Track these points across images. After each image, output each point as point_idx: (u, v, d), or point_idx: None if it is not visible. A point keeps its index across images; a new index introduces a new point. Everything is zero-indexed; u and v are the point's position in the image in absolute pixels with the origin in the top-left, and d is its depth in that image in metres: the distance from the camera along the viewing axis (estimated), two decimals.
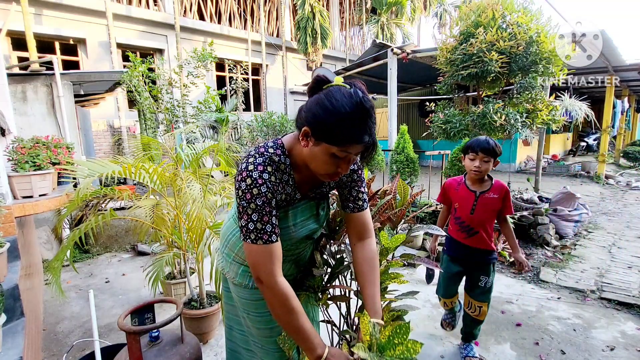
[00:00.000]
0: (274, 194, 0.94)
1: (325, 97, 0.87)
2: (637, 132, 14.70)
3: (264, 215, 0.91)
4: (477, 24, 3.22)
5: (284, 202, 1.01)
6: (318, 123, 0.86)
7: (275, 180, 0.95)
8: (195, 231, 2.30)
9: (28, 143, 2.67)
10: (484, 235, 1.94)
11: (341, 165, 0.91)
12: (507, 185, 1.51)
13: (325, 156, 0.89)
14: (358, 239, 1.11)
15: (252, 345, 1.26)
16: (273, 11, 13.23)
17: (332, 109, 0.84)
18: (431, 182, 5.23)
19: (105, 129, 8.10)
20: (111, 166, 2.03)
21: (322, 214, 1.13)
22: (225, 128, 7.16)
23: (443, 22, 17.06)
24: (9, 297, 1.66)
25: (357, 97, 0.85)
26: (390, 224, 1.29)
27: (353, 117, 0.84)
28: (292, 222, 1.06)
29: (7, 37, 7.31)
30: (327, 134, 0.86)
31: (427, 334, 2.40)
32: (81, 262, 3.94)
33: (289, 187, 1.00)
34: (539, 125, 3.37)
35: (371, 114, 0.86)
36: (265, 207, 0.91)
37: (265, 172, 0.92)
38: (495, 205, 1.89)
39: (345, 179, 1.10)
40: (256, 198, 0.90)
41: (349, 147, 0.86)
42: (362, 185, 1.11)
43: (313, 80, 0.94)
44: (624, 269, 3.37)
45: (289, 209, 1.05)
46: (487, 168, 1.82)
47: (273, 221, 0.93)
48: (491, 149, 1.79)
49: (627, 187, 7.66)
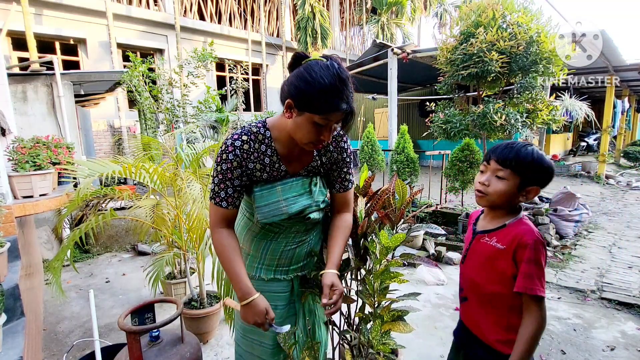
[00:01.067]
0: (241, 162, 1.03)
1: (304, 70, 0.94)
2: (637, 132, 14.68)
3: (222, 182, 1.03)
4: (477, 23, 3.22)
5: (263, 172, 1.08)
6: (300, 94, 0.93)
7: (249, 149, 1.04)
8: (195, 231, 2.29)
9: (28, 143, 2.67)
10: (476, 310, 1.12)
11: (323, 133, 0.98)
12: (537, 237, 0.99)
13: (308, 125, 0.96)
14: (337, 212, 1.22)
15: (254, 347, 1.26)
16: (273, 11, 13.23)
17: (312, 80, 0.91)
18: (431, 182, 5.23)
19: (106, 129, 8.11)
20: (111, 166, 2.03)
21: (315, 190, 1.16)
22: (225, 128, 7.15)
23: (443, 22, 17.04)
24: (9, 296, 1.66)
25: (333, 68, 0.92)
26: (389, 223, 1.29)
27: (331, 87, 0.91)
28: (282, 197, 1.11)
29: (7, 37, 7.31)
30: (309, 104, 0.93)
31: (427, 334, 2.40)
32: (81, 262, 3.94)
33: (267, 158, 1.07)
34: (539, 125, 3.36)
35: (347, 84, 0.94)
36: (227, 173, 1.02)
37: (239, 140, 1.02)
38: (498, 261, 1.03)
39: (336, 156, 1.16)
40: (222, 163, 1.02)
41: (329, 114, 0.93)
42: (350, 168, 1.20)
43: (292, 57, 1.01)
44: (624, 269, 3.36)
45: (277, 185, 1.10)
46: (499, 190, 1.03)
47: (229, 191, 1.04)
48: (512, 157, 1.01)
49: (627, 187, 7.66)
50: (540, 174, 1.01)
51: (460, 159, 4.47)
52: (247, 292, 1.03)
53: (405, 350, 2.15)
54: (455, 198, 5.37)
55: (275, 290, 1.21)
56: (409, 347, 2.22)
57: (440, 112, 3.77)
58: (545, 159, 1.02)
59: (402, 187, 1.31)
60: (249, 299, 1.02)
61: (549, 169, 1.02)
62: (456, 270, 3.47)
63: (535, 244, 0.97)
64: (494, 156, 1.05)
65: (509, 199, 1.04)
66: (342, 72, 0.93)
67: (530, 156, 1.00)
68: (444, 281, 3.17)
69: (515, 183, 1.01)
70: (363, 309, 1.30)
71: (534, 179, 1.01)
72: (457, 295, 2.94)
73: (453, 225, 4.65)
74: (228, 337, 2.31)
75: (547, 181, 1.03)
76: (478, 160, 4.38)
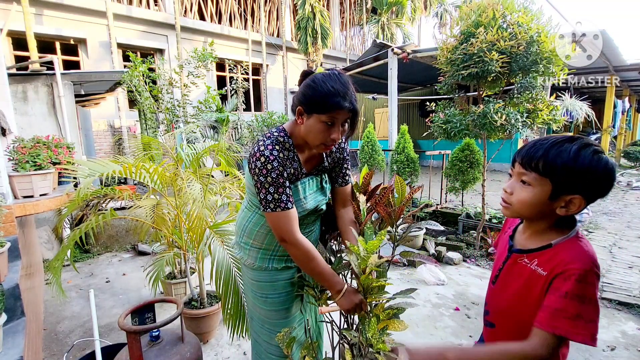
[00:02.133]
0: (284, 168, 1.12)
1: (310, 81, 1.09)
2: (637, 132, 14.67)
3: (279, 187, 1.09)
4: (477, 23, 3.22)
5: (292, 176, 1.19)
6: (307, 99, 1.07)
7: (283, 157, 1.14)
8: (195, 231, 2.29)
9: (29, 143, 2.67)
10: (504, 339, 0.93)
11: (332, 132, 1.08)
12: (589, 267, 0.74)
13: (317, 125, 1.08)
14: (342, 206, 1.35)
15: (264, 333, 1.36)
16: (273, 11, 13.23)
17: (316, 86, 1.06)
18: (431, 182, 5.23)
19: (106, 129, 8.11)
20: (112, 166, 2.03)
21: (326, 187, 1.34)
22: (225, 128, 7.16)
23: (443, 22, 17.04)
24: (9, 296, 1.66)
25: (334, 75, 1.07)
26: (388, 221, 1.29)
27: (333, 89, 1.04)
28: (302, 195, 1.23)
29: (7, 37, 7.31)
30: (316, 106, 1.06)
31: (427, 334, 2.40)
32: (82, 261, 3.94)
33: (295, 163, 1.19)
34: (540, 125, 3.36)
35: (348, 86, 1.06)
36: (279, 179, 1.10)
37: (275, 149, 1.11)
38: (537, 289, 0.83)
39: (338, 156, 1.31)
40: (271, 172, 1.08)
41: (334, 112, 1.05)
42: (348, 163, 1.36)
43: (301, 74, 1.17)
44: (624, 269, 3.36)
45: (298, 184, 1.22)
46: (523, 199, 0.83)
47: (287, 191, 1.11)
48: (538, 157, 0.80)
49: (627, 187, 7.65)
50: (581, 179, 0.75)
51: (461, 159, 4.46)
52: (343, 282, 1.15)
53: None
54: (455, 198, 5.38)
55: (286, 277, 1.32)
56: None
57: (441, 112, 3.76)
58: (591, 158, 0.75)
59: (401, 185, 1.31)
60: (346, 286, 1.14)
61: (598, 172, 0.74)
62: (456, 270, 3.47)
63: (584, 275, 0.74)
64: (518, 157, 0.84)
65: (538, 211, 0.82)
66: (341, 76, 1.07)
67: (564, 155, 0.76)
68: (444, 281, 3.17)
69: (545, 190, 0.79)
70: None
71: (574, 186, 0.76)
72: (457, 296, 2.94)
73: (453, 225, 4.65)
74: (228, 337, 2.31)
75: (598, 188, 0.76)
76: (478, 160, 4.38)
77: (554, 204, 0.80)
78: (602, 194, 0.78)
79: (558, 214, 0.81)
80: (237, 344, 2.31)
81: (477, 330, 2.43)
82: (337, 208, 1.36)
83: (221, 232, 2.19)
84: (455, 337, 2.35)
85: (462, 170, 4.45)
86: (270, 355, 1.37)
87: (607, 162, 0.76)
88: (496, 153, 4.06)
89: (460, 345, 0.82)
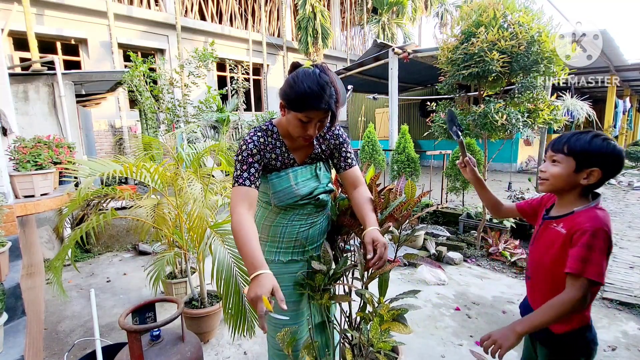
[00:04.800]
0: (260, 151, 1.21)
1: (292, 77, 1.12)
2: (638, 132, 14.65)
3: (244, 164, 1.18)
4: (478, 23, 3.21)
5: (277, 161, 1.26)
6: (286, 96, 1.12)
7: (264, 142, 1.23)
8: (196, 230, 2.29)
9: (29, 142, 2.67)
10: (537, 288, 1.20)
11: (308, 128, 1.14)
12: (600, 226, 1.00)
13: (295, 121, 1.13)
14: (353, 188, 1.36)
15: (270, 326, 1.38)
16: (274, 11, 13.24)
17: (294, 84, 1.09)
18: (432, 182, 5.22)
19: (107, 129, 8.12)
20: (112, 166, 2.03)
21: (321, 173, 1.36)
22: (226, 128, 7.16)
23: (444, 21, 17.03)
24: (10, 296, 1.67)
25: (314, 74, 1.08)
26: (394, 223, 1.30)
27: (309, 90, 1.06)
28: (293, 182, 1.28)
29: (9, 37, 7.32)
30: (292, 104, 1.11)
31: (428, 334, 2.40)
32: (82, 261, 3.94)
33: (278, 149, 1.26)
34: (541, 125, 3.35)
35: (324, 87, 1.07)
36: (248, 158, 1.18)
37: (255, 135, 1.22)
38: (559, 245, 1.07)
39: (334, 142, 1.35)
40: (243, 152, 1.19)
41: (309, 112, 1.10)
42: (348, 147, 1.38)
43: (291, 65, 1.20)
44: (625, 269, 3.36)
45: (289, 171, 1.28)
46: (555, 172, 1.08)
47: (251, 171, 1.18)
48: (563, 142, 1.07)
49: (628, 187, 7.64)
50: (596, 156, 1.02)
51: None
52: (258, 266, 1.00)
53: (406, 350, 2.15)
54: (456, 198, 5.38)
55: (293, 271, 1.34)
56: (409, 347, 2.22)
57: (441, 112, 3.76)
58: (602, 143, 1.02)
59: (412, 188, 1.32)
60: (258, 272, 0.98)
61: (607, 151, 1.02)
62: (457, 270, 3.47)
63: (595, 231, 0.98)
64: (549, 147, 1.13)
65: (567, 181, 1.07)
66: (321, 77, 1.08)
67: (582, 140, 1.04)
68: (445, 281, 3.16)
69: (570, 165, 1.05)
70: (364, 308, 1.30)
71: (591, 161, 1.02)
72: (457, 296, 2.94)
73: (454, 225, 4.65)
74: (228, 337, 2.31)
75: (609, 164, 1.02)
76: (479, 160, 4.37)
77: (578, 176, 1.05)
78: (615, 170, 1.03)
79: (582, 184, 1.05)
80: (237, 344, 2.31)
81: (477, 330, 2.43)
82: (349, 192, 1.37)
83: (222, 231, 2.19)
84: (456, 337, 2.34)
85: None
86: (272, 349, 1.41)
87: (615, 145, 1.03)
88: (497, 153, 4.06)
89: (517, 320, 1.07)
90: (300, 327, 1.38)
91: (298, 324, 1.37)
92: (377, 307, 1.17)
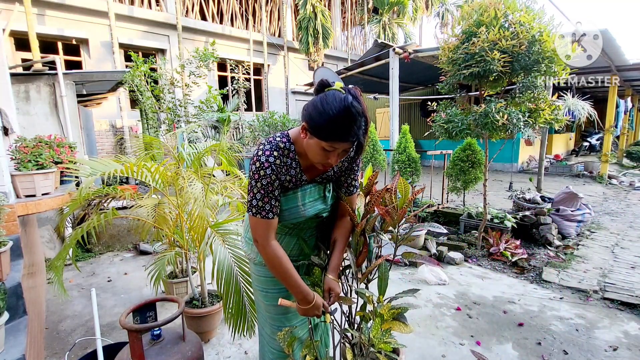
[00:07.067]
0: (278, 176, 1.11)
1: (320, 99, 1.01)
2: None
3: (266, 195, 1.10)
4: (479, 23, 3.21)
5: (290, 183, 1.17)
6: (312, 121, 1.02)
7: (280, 163, 1.12)
8: (197, 230, 2.30)
9: (31, 142, 2.68)
10: None
11: (330, 157, 1.06)
12: None
13: (316, 148, 1.05)
14: (341, 215, 1.35)
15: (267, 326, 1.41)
16: (275, 11, 13.24)
17: (323, 110, 0.99)
18: (433, 182, 5.22)
19: (108, 129, 8.13)
20: (113, 165, 2.03)
21: (329, 196, 1.30)
22: (227, 128, 7.17)
23: (445, 21, 17.01)
24: (11, 295, 1.67)
25: (346, 102, 0.98)
26: (390, 221, 1.29)
27: (340, 119, 0.97)
28: (301, 202, 1.22)
29: (10, 37, 7.34)
30: (318, 131, 1.01)
31: (429, 334, 2.39)
32: (83, 261, 3.95)
33: (293, 170, 1.16)
34: (542, 125, 3.34)
35: (356, 119, 0.99)
36: (269, 187, 1.09)
37: (272, 156, 1.09)
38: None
39: (347, 165, 1.27)
40: (262, 179, 1.08)
41: (335, 143, 1.01)
42: (357, 175, 1.33)
43: (318, 83, 1.07)
44: (627, 269, 3.35)
45: (298, 191, 1.21)
46: None
47: (273, 202, 1.12)
48: None
49: (630, 187, 7.63)
50: None
51: (462, 159, 4.45)
52: (309, 294, 1.17)
53: (406, 350, 2.15)
54: (456, 198, 5.37)
55: None
56: (410, 347, 2.22)
57: (442, 112, 3.75)
58: None
59: (404, 186, 1.31)
60: (314, 301, 1.17)
61: None
62: (457, 270, 3.46)
63: None
64: None
65: None
66: (353, 106, 0.98)
67: None
68: (446, 281, 3.16)
69: None
70: (364, 308, 1.30)
71: None
72: (458, 296, 2.94)
73: (454, 225, 4.64)
74: (229, 336, 2.31)
75: None
76: (480, 160, 4.37)
77: None
78: None
79: None
80: (238, 343, 2.32)
81: (478, 330, 2.43)
82: (336, 214, 1.36)
83: (222, 231, 2.19)
84: (457, 337, 2.34)
85: (464, 170, 4.44)
86: (271, 349, 1.41)
87: None
88: (498, 153, 4.05)
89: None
90: (300, 326, 1.38)
91: (298, 323, 1.38)
92: (377, 306, 1.17)
